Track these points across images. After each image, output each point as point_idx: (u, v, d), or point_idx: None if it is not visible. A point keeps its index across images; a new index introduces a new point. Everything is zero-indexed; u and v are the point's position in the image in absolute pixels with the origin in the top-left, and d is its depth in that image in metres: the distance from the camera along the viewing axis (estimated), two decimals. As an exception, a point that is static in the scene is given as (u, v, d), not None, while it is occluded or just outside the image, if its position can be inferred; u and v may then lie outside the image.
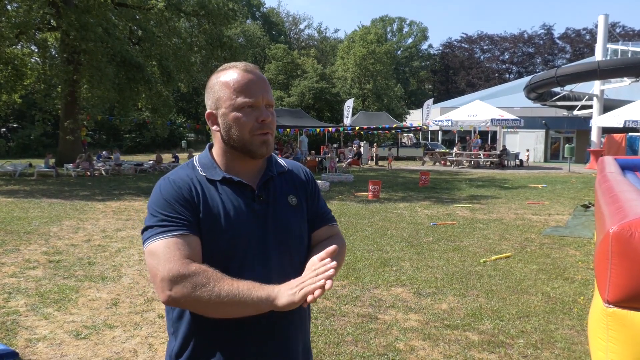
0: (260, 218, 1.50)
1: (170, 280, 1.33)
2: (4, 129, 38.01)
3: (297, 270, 1.48)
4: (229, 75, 1.49)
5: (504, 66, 74.38)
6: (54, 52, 23.63)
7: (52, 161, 20.39)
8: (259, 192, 1.52)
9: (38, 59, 22.91)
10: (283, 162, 1.68)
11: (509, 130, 33.38)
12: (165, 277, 1.33)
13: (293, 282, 1.36)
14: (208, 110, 1.53)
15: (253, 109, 1.48)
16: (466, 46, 74.03)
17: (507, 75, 72.94)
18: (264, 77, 1.53)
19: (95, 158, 22.85)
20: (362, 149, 30.75)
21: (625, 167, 7.94)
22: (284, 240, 1.52)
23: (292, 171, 1.66)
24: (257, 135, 1.48)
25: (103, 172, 20.64)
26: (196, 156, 1.59)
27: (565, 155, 26.72)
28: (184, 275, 1.33)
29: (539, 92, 28.73)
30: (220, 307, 1.33)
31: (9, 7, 18.87)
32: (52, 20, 21.96)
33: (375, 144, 33.57)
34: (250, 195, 1.51)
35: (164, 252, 1.37)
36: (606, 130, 27.52)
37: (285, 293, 1.33)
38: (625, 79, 26.65)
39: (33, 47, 23.18)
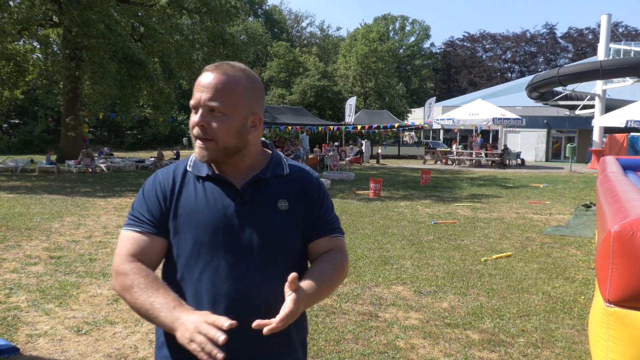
0: (240, 219, 1.46)
1: (114, 272, 1.45)
2: (6, 125, 38.03)
3: (279, 279, 1.41)
4: None
5: (506, 65, 74.28)
6: (56, 49, 23.58)
7: (53, 157, 20.39)
8: (241, 192, 1.48)
9: (40, 55, 22.89)
10: (287, 165, 1.59)
11: (511, 129, 33.34)
12: (113, 267, 1.44)
13: (197, 323, 1.24)
14: None
15: (196, 112, 1.44)
16: (468, 45, 73.94)
17: (509, 75, 72.88)
18: (227, 78, 1.43)
19: (96, 155, 22.85)
20: (363, 147, 30.75)
21: (626, 167, 7.93)
22: (263, 245, 1.46)
23: (293, 175, 1.57)
24: (196, 139, 1.45)
25: (104, 169, 20.65)
26: None
27: (567, 155, 26.70)
28: (118, 272, 1.43)
29: (540, 92, 28.68)
30: (137, 313, 1.39)
31: (11, 3, 18.88)
32: (54, 17, 21.96)
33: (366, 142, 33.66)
34: (233, 195, 1.48)
35: (120, 243, 1.48)
36: (608, 130, 27.46)
37: (181, 330, 1.26)
38: (627, 78, 26.59)
39: (35, 43, 23.17)
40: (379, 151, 33.77)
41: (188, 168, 1.53)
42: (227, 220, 1.45)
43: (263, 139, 1.62)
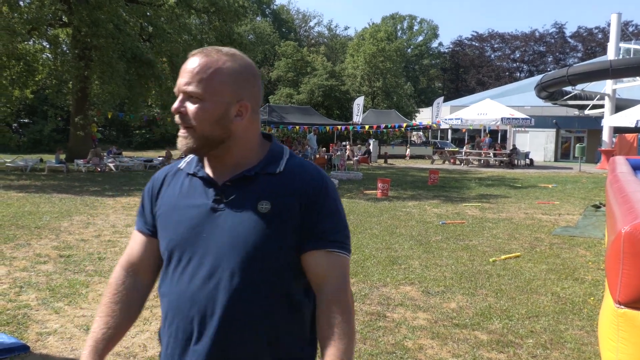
0: (213, 220, 1.33)
1: None
2: (16, 124, 38.29)
3: (250, 290, 1.29)
4: None
5: (514, 65, 73.93)
6: (65, 48, 23.74)
7: (62, 156, 20.51)
8: (221, 190, 1.34)
9: (49, 55, 23.06)
10: (286, 162, 1.38)
11: (519, 129, 33.19)
12: None
13: None
14: None
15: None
16: (477, 44, 73.64)
17: (518, 74, 72.53)
18: (206, 61, 1.31)
19: (105, 154, 22.97)
20: (371, 147, 30.72)
21: (636, 168, 7.88)
22: (233, 250, 1.29)
23: (289, 174, 1.36)
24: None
25: (113, 168, 20.76)
26: None
27: (576, 155, 26.55)
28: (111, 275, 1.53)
29: (550, 91, 28.52)
30: None
31: (21, 3, 19.02)
32: (63, 17, 22.08)
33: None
34: (212, 194, 1.35)
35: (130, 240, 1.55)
36: (618, 130, 27.27)
37: None
38: (637, 78, 26.40)
39: (45, 43, 23.34)
40: (407, 151, 33.93)
41: (181, 165, 1.46)
42: (199, 220, 1.33)
43: (267, 132, 1.48)
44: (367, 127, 28.32)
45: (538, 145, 35.07)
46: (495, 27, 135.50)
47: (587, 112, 31.15)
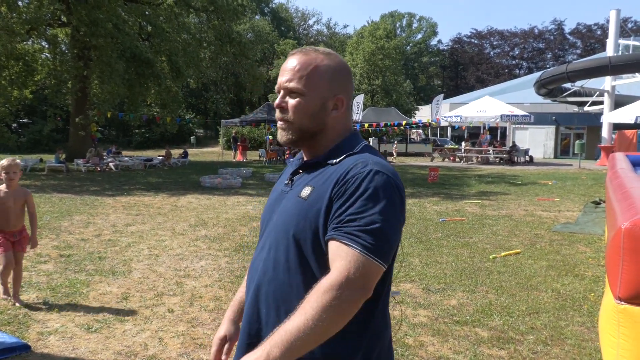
0: (278, 202, 1.49)
1: None
2: (15, 125, 38.25)
3: (279, 270, 1.38)
4: None
5: (513, 62, 73.88)
6: (64, 48, 23.73)
7: (62, 156, 20.51)
8: (292, 175, 1.50)
9: (49, 55, 23.03)
10: (347, 155, 1.43)
11: (519, 126, 33.16)
12: None
13: (215, 339, 1.61)
14: None
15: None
16: (476, 42, 73.59)
17: (517, 71, 72.47)
18: (305, 59, 1.43)
19: (104, 153, 22.97)
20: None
21: (636, 164, 7.87)
22: (277, 228, 1.42)
23: (341, 165, 1.39)
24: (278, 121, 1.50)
25: (113, 168, 20.76)
26: None
27: (576, 152, 26.53)
28: None
29: (549, 88, 28.49)
30: None
31: (20, 2, 18.99)
32: (62, 16, 22.07)
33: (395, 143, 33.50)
34: (287, 179, 1.53)
35: None
36: (617, 127, 27.29)
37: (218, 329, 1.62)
38: (637, 74, 26.38)
39: (44, 43, 23.33)
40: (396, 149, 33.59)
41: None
42: (275, 201, 1.52)
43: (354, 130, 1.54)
44: (366, 125, 28.29)
45: (538, 142, 35.06)
46: (494, 24, 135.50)
47: (586, 108, 31.13)
